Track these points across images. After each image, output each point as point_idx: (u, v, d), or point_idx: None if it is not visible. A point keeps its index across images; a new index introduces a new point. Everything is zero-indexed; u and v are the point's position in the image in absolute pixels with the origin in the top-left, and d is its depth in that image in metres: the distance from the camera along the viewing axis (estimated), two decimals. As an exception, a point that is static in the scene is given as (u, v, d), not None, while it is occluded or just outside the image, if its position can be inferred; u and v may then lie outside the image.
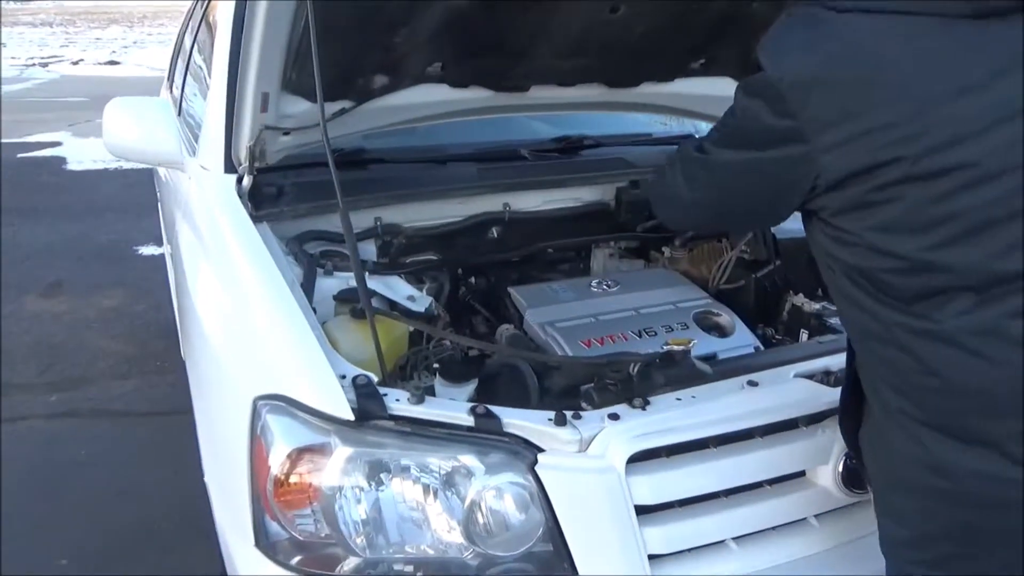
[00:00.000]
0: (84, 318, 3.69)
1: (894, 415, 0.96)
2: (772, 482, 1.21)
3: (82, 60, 16.09)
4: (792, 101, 0.92)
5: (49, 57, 16.38)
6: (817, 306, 1.64)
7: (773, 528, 1.20)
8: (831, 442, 1.21)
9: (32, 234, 4.83)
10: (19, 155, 7.15)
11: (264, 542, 1.13)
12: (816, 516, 1.23)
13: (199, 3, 3.15)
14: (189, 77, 2.75)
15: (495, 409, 1.13)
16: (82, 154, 7.20)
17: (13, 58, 15.78)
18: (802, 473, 1.23)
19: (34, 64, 15.16)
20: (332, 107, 1.61)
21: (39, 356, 3.30)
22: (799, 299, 1.67)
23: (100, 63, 15.63)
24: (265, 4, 1.29)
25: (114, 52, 17.48)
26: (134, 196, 5.56)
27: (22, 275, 4.15)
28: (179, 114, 2.44)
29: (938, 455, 0.92)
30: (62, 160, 7.05)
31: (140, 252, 4.63)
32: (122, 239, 4.80)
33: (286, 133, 1.64)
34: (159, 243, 4.43)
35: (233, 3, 2.05)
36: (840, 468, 1.21)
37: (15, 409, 2.87)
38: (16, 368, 3.19)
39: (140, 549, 2.18)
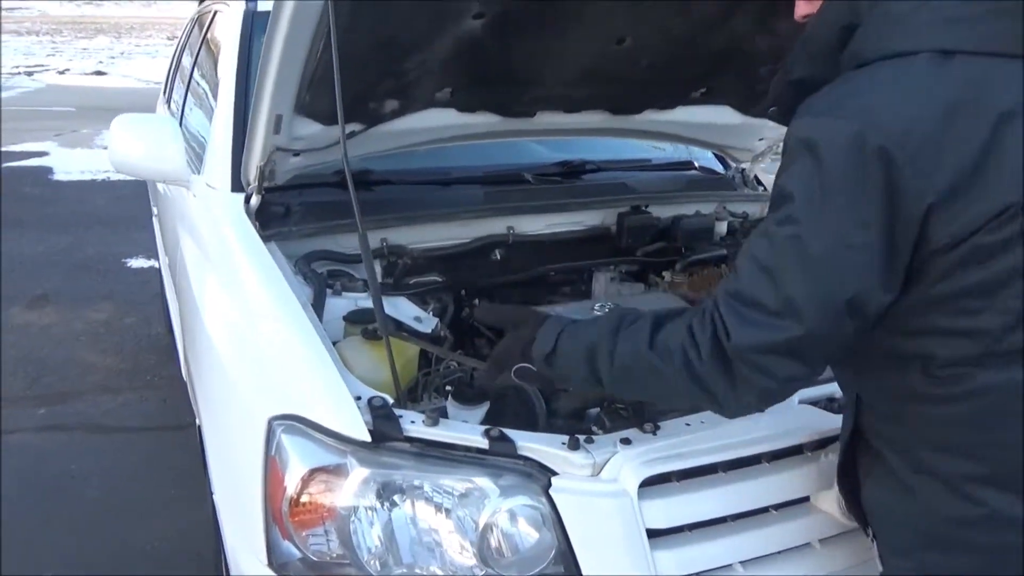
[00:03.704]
0: (72, 331, 3.66)
1: (934, 474, 0.95)
2: (777, 507, 1.23)
3: (68, 70, 16.01)
4: (904, 159, 0.82)
5: (35, 66, 16.28)
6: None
7: (778, 552, 1.22)
8: (835, 468, 1.23)
9: (18, 245, 4.77)
10: (4, 164, 7.08)
11: (277, 562, 1.14)
12: (820, 541, 1.25)
13: (197, 23, 3.18)
14: (189, 95, 2.76)
15: (509, 432, 1.15)
16: (69, 165, 7.16)
17: (-3, 66, 15.66)
18: (806, 498, 1.26)
19: (19, 73, 15.06)
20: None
21: (26, 369, 3.27)
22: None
23: (86, 73, 15.56)
24: (284, 32, 1.31)
25: (101, 62, 17.42)
26: (123, 208, 5.54)
27: (8, 287, 4.10)
28: (180, 130, 2.45)
29: (998, 510, 0.91)
30: (48, 170, 6.99)
31: (129, 265, 4.60)
32: (111, 251, 4.77)
33: (296, 154, 1.66)
34: (149, 256, 4.41)
35: (239, 29, 2.09)
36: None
37: (3, 422, 2.84)
38: (3, 381, 3.15)
39: (133, 566, 2.16)
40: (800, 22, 0.98)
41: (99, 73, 15.65)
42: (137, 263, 4.60)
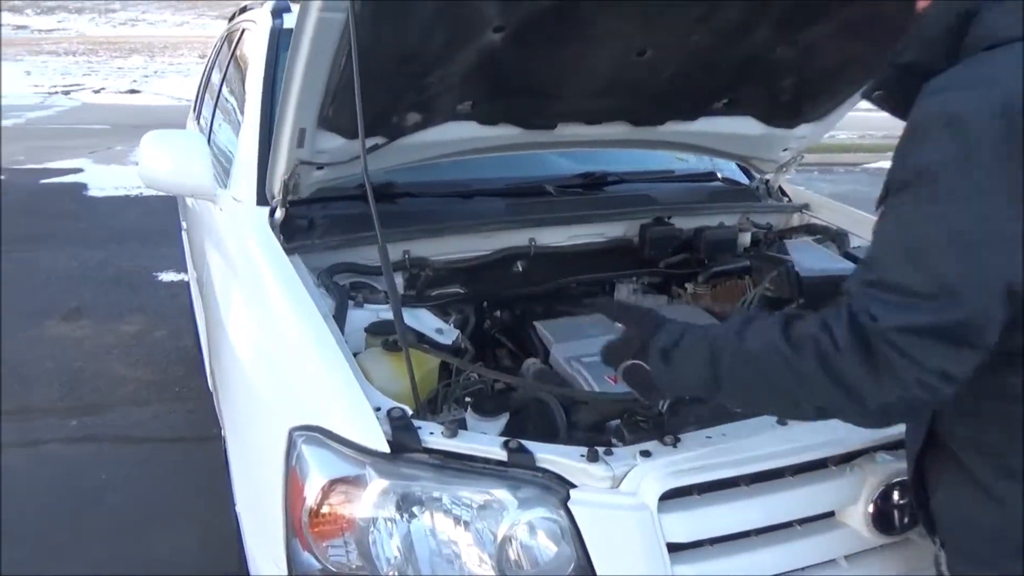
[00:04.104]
0: (104, 344, 3.73)
1: None
2: (802, 522, 1.21)
3: (104, 88, 16.44)
4: None
5: (71, 85, 16.73)
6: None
7: (803, 568, 1.19)
8: (860, 482, 1.21)
9: (53, 259, 4.90)
10: (40, 181, 7.28)
11: (297, 573, 1.14)
12: (845, 557, 1.22)
13: (226, 41, 3.24)
14: (217, 111, 2.81)
15: (528, 444, 1.15)
16: (103, 181, 7.33)
17: (36, 86, 16.15)
18: (831, 513, 1.23)
19: (56, 92, 15.49)
20: (366, 143, 1.65)
21: (60, 381, 3.34)
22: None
23: (121, 92, 15.96)
24: (307, 47, 1.33)
25: (135, 81, 17.85)
26: (154, 223, 5.64)
27: (43, 300, 4.21)
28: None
29: None
30: (83, 186, 7.16)
31: (160, 279, 4.68)
32: (142, 265, 4.86)
33: (320, 168, 1.68)
34: (179, 270, 4.49)
35: (265, 46, 2.13)
36: (870, 509, 1.21)
37: (36, 433, 2.90)
38: (37, 392, 3.22)
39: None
40: (919, 13, 0.97)
41: (133, 91, 16.05)
42: (168, 277, 4.67)
